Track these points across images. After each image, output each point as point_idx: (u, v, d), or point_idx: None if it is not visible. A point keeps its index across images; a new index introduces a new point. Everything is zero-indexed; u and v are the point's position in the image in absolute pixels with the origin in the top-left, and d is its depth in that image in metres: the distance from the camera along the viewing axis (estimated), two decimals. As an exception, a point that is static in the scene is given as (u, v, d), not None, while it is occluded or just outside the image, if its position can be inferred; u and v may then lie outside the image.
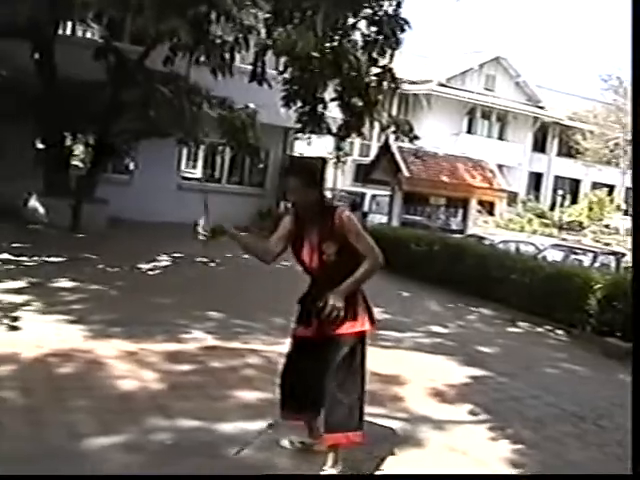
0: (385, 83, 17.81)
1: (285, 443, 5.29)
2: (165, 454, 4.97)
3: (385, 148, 22.71)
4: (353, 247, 4.77)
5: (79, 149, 19.87)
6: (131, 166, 20.86)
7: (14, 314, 8.23)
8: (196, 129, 16.75)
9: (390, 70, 17.57)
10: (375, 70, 17.58)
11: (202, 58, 15.45)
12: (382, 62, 17.30)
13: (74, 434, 5.14)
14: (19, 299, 9.03)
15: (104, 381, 6.34)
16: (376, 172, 23.34)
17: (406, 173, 21.68)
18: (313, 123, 19.06)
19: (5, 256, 12.01)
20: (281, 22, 15.55)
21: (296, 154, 24.30)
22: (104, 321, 8.35)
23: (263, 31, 15.88)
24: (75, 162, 19.33)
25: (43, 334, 7.46)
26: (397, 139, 20.51)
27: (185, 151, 21.88)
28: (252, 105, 17.21)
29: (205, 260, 14.00)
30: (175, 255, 14.35)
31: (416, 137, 18.82)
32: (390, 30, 16.56)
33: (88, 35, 20.02)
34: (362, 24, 16.99)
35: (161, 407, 5.82)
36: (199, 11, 13.29)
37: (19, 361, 6.58)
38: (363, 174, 26.99)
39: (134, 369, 6.72)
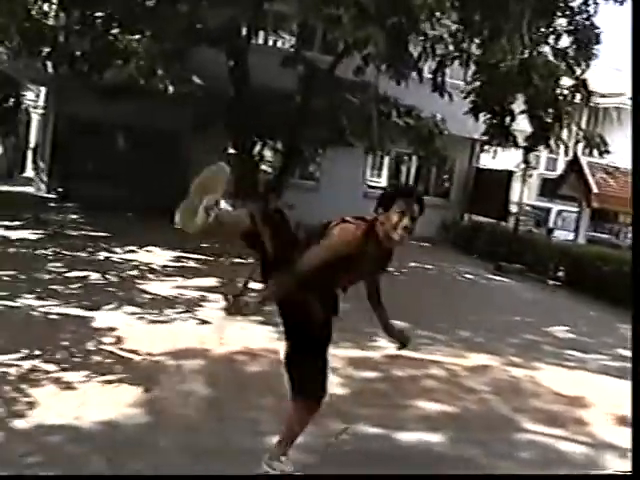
0: (578, 95, 17.34)
1: None
2: (342, 459, 5.07)
3: (574, 163, 22.06)
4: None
5: (268, 155, 20.43)
6: (318, 173, 21.24)
7: (204, 310, 8.66)
8: (383, 138, 16.87)
9: (584, 82, 17.08)
10: (567, 82, 17.15)
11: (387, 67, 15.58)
12: (576, 74, 16.86)
13: (256, 432, 5.31)
14: (210, 296, 9.49)
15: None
16: (563, 187, 22.73)
17: (595, 189, 20.97)
18: (500, 135, 18.79)
19: (195, 256, 12.60)
20: (469, 32, 15.47)
21: (481, 166, 24.06)
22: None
23: (450, 40, 15.82)
24: (265, 167, 19.92)
25: (231, 332, 7.75)
26: (587, 153, 19.90)
27: (370, 160, 22.08)
28: (439, 115, 17.20)
29: (390, 269, 14.06)
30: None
31: (607, 151, 18.20)
32: (585, 41, 16.15)
33: (279, 44, 20.60)
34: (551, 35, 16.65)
35: (342, 413, 5.90)
36: (395, 21, 13.40)
37: (207, 356, 6.88)
38: (549, 189, 26.35)
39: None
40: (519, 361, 8.22)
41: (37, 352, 6.36)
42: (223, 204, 14.07)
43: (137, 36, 14.52)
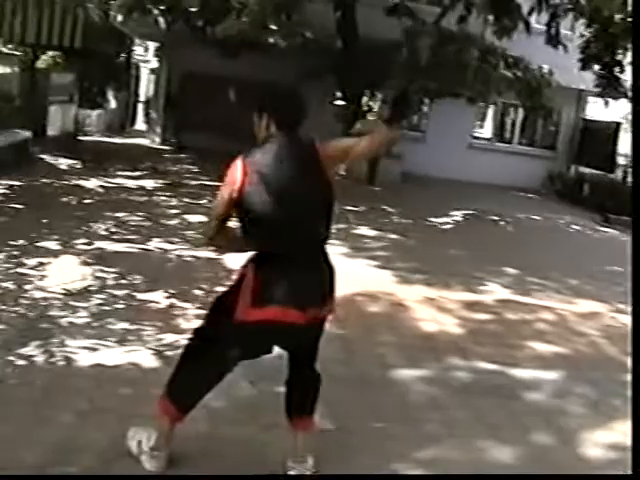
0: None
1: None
2: (463, 390, 5.43)
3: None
4: None
5: (376, 105, 20.66)
6: (424, 124, 21.39)
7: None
8: (488, 89, 16.92)
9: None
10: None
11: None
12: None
13: (382, 364, 5.76)
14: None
15: (408, 322, 6.93)
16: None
17: None
18: (610, 86, 18.58)
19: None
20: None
21: (588, 117, 23.75)
22: (406, 268, 8.98)
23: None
24: (371, 118, 20.18)
25: (352, 275, 8.16)
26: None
27: (475, 110, 22.08)
28: (546, 66, 17.10)
29: (496, 218, 14.36)
30: (466, 212, 14.76)
31: None
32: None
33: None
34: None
35: (460, 349, 6.29)
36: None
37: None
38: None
39: (434, 314, 7.26)
40: (626, 308, 8.41)
41: (173, 291, 6.89)
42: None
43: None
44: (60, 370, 4.93)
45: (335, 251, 9.28)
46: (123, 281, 7.04)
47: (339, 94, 18.87)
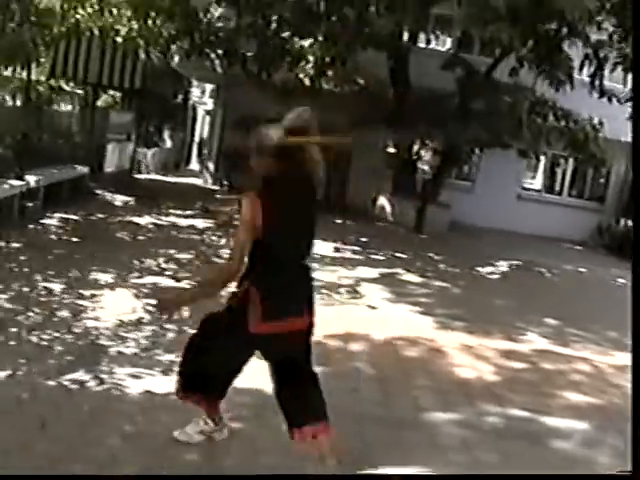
0: None
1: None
2: (495, 435, 5.57)
3: None
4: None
5: (427, 154, 20.89)
6: (473, 174, 21.53)
7: (368, 298, 9.50)
8: (539, 141, 17.09)
9: None
10: None
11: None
12: None
13: (417, 406, 5.92)
14: (372, 287, 10.23)
15: (444, 367, 7.09)
16: None
17: None
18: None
19: (355, 248, 13.38)
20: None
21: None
22: (447, 315, 9.16)
23: (610, 44, 15.82)
24: (422, 166, 20.43)
25: (393, 320, 8.40)
26: None
27: (525, 162, 22.17)
28: (597, 118, 17.21)
29: (542, 269, 14.44)
30: (513, 262, 14.88)
31: None
32: None
33: (433, 45, 20.94)
34: None
35: (494, 395, 6.42)
36: (550, 27, 13.68)
37: (371, 340, 7.53)
38: None
39: (471, 360, 7.41)
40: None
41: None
42: (383, 200, 14.94)
43: (308, 41, 15.30)
44: (107, 395, 5.22)
45: (379, 296, 9.68)
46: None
47: (390, 142, 19.18)
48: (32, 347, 5.98)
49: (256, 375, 4.69)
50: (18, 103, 14.22)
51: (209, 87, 29.41)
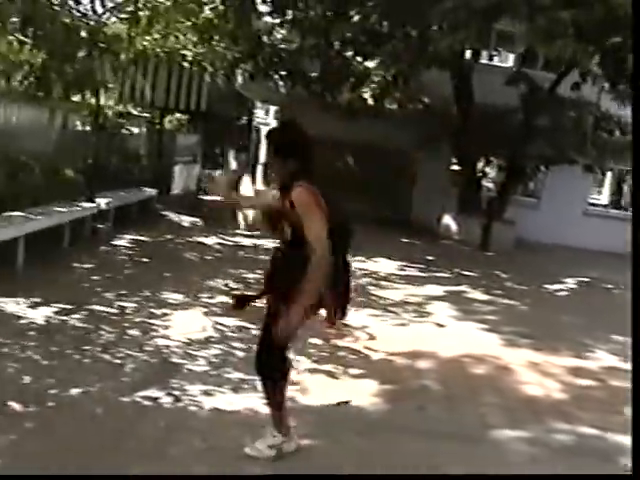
0: None
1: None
2: (565, 452, 5.56)
3: None
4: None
5: (491, 172, 20.82)
6: (539, 190, 21.34)
7: (435, 316, 9.57)
8: (604, 156, 16.93)
9: None
10: None
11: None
12: None
13: (484, 423, 5.93)
14: (439, 304, 10.30)
15: (511, 384, 7.08)
16: None
17: None
18: None
19: (421, 266, 13.40)
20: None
21: None
22: (514, 332, 9.11)
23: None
24: (487, 184, 20.36)
25: (460, 337, 8.43)
26: None
27: (591, 177, 21.93)
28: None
29: (610, 286, 14.25)
30: (580, 279, 14.72)
31: None
32: None
33: (496, 61, 20.89)
34: None
35: (561, 413, 6.40)
36: (615, 41, 13.54)
37: (438, 358, 7.57)
38: None
39: (539, 378, 7.38)
40: None
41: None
42: (448, 218, 14.96)
43: (373, 62, 15.39)
44: (178, 411, 5.35)
45: (446, 313, 9.70)
46: (241, 334, 7.46)
47: (455, 160, 19.18)
48: (105, 365, 6.15)
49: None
50: (88, 128, 14.59)
51: (273, 108, 29.65)
